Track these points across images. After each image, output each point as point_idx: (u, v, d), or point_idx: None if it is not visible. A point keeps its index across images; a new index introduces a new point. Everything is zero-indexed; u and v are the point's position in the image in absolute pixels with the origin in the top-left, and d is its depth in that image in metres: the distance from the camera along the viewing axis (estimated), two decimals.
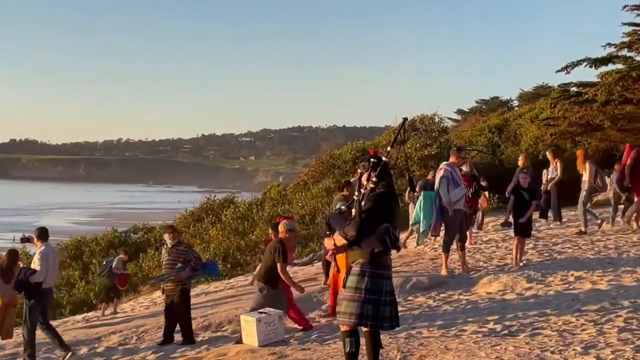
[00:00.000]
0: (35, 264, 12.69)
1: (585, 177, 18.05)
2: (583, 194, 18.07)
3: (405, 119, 7.99)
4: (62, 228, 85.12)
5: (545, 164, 21.95)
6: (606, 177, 18.89)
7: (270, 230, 13.38)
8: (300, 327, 11.83)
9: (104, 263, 21.10)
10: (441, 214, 14.42)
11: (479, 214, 20.06)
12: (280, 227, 11.93)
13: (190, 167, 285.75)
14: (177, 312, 12.85)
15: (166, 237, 13.56)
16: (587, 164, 18.15)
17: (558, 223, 19.64)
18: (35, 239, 13.08)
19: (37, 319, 12.70)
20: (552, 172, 19.27)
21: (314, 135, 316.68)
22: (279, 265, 11.41)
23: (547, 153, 20.20)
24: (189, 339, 12.53)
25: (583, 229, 18.07)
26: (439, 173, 14.56)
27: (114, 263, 20.00)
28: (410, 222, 16.96)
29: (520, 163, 19.49)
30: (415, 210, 16.02)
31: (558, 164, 19.19)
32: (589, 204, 18.76)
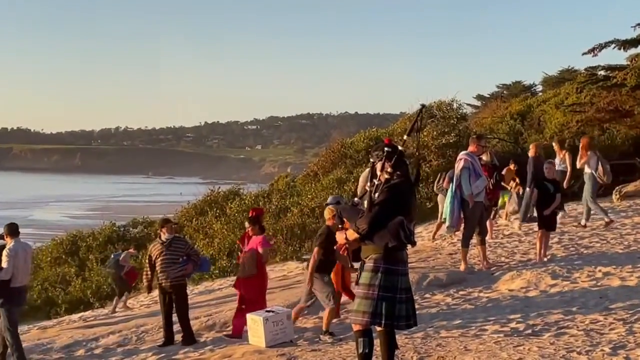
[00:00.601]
0: (3, 262, 12.64)
1: (588, 169, 18.01)
2: (588, 187, 18.04)
3: (423, 106, 7.97)
4: (57, 222, 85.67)
5: (572, 153, 21.92)
6: (608, 167, 18.79)
7: (247, 224, 13.32)
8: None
9: (112, 256, 21.26)
10: (461, 207, 14.42)
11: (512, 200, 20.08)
12: (327, 214, 11.95)
13: (193, 157, 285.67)
14: (177, 310, 12.90)
15: (164, 230, 13.56)
16: (590, 154, 18.11)
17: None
18: (5, 236, 13.01)
19: (15, 318, 12.70)
20: (560, 164, 19.21)
21: (325, 123, 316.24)
22: (315, 249, 11.46)
23: (554, 144, 20.16)
24: (189, 339, 12.61)
25: (606, 219, 18.02)
26: (459, 164, 14.54)
27: (122, 255, 20.16)
28: (442, 216, 16.90)
29: (530, 153, 19.44)
30: (446, 203, 15.96)
31: (566, 155, 19.15)
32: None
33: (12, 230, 12.91)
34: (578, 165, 18.43)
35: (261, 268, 12.54)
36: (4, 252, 12.68)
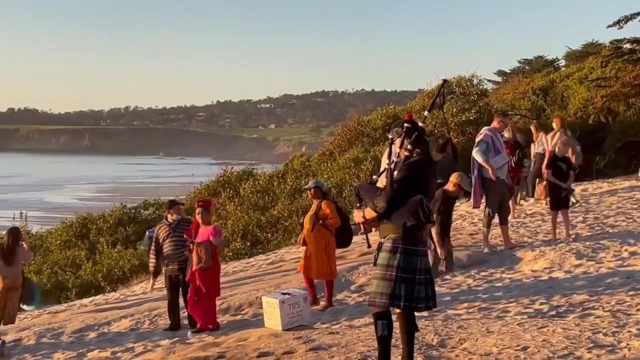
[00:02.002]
0: None
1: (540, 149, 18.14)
2: (538, 167, 18.13)
3: (445, 81, 7.94)
4: (67, 204, 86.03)
5: (597, 130, 21.85)
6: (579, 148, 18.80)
7: (197, 212, 12.98)
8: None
9: (147, 233, 21.25)
10: (482, 184, 14.38)
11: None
12: (452, 179, 11.98)
13: (205, 137, 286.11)
14: (184, 294, 12.92)
15: (171, 212, 13.59)
16: (560, 134, 18.14)
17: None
18: None
19: None
20: (538, 146, 19.14)
21: (340, 101, 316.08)
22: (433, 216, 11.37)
23: (532, 127, 20.08)
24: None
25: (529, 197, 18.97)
26: (478, 137, 14.51)
27: (155, 232, 20.16)
28: None
29: (555, 126, 19.43)
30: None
31: (544, 137, 19.02)
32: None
33: None
34: (549, 147, 18.26)
35: (215, 259, 12.45)
36: None
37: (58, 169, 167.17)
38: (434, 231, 11.55)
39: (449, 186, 11.95)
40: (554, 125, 18.81)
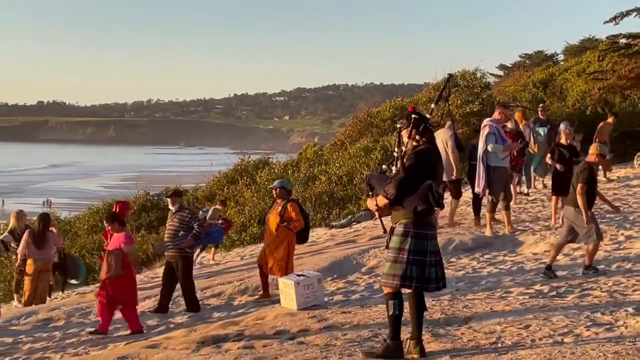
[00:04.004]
0: None
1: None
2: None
3: (450, 75, 7.94)
4: (94, 192, 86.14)
5: (594, 121, 21.79)
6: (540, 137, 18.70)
7: (105, 224, 13.00)
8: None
9: (200, 213, 21.26)
10: (487, 173, 14.35)
11: None
12: (592, 150, 11.77)
13: (223, 128, 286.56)
14: (179, 280, 12.80)
15: (169, 202, 13.55)
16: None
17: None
18: None
19: None
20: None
21: (351, 94, 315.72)
22: (579, 185, 11.20)
23: (516, 115, 19.82)
24: (193, 307, 12.60)
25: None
26: (484, 130, 14.47)
27: (209, 214, 20.13)
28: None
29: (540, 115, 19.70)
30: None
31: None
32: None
33: None
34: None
35: (127, 267, 11.88)
36: None
37: (84, 158, 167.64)
38: (580, 202, 11.30)
39: (591, 157, 11.73)
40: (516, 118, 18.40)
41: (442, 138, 15.05)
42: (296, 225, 12.41)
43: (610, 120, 20.38)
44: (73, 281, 18.28)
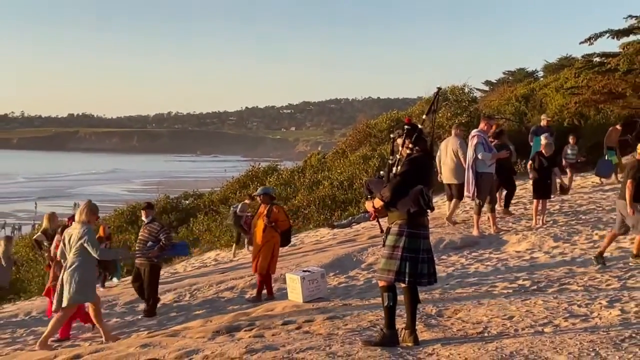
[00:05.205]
0: None
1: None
2: None
3: (439, 89, 7.91)
4: (119, 195, 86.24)
5: (571, 131, 21.80)
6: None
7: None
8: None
9: (231, 209, 21.22)
10: (475, 179, 14.34)
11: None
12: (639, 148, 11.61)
13: (235, 138, 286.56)
14: (144, 285, 12.70)
15: (143, 213, 13.57)
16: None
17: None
18: None
19: None
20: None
21: (351, 107, 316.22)
22: (628, 181, 11.20)
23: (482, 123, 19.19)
24: (150, 311, 12.48)
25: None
26: (473, 140, 14.46)
27: (239, 207, 20.10)
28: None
29: (544, 122, 19.82)
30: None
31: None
32: None
33: None
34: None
35: None
36: None
37: (110, 165, 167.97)
38: (627, 196, 11.22)
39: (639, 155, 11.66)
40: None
41: (452, 146, 15.10)
42: (283, 224, 12.45)
43: (618, 126, 20.48)
44: (114, 280, 18.28)
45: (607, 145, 20.09)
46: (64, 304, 10.21)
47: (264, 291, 12.35)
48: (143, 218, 13.45)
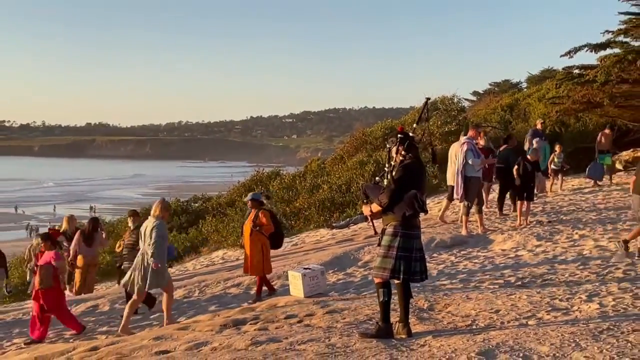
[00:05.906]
0: None
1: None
2: None
3: (428, 99, 7.91)
4: (133, 198, 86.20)
5: (552, 138, 21.80)
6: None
7: (40, 241, 12.77)
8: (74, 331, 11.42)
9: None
10: (464, 183, 14.34)
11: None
12: None
13: (241, 145, 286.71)
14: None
15: (129, 220, 13.56)
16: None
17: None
18: None
19: None
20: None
21: (348, 116, 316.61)
22: None
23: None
24: (150, 304, 12.39)
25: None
26: (463, 147, 14.47)
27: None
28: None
29: (539, 126, 20.35)
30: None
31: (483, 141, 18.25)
32: None
33: None
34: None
35: (57, 280, 11.54)
36: None
37: (125, 170, 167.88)
38: None
39: None
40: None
41: (455, 150, 15.15)
42: (266, 229, 12.29)
43: (607, 130, 20.33)
44: None
45: (598, 149, 20.05)
46: (136, 290, 10.52)
47: (264, 288, 12.33)
48: (130, 224, 13.49)
